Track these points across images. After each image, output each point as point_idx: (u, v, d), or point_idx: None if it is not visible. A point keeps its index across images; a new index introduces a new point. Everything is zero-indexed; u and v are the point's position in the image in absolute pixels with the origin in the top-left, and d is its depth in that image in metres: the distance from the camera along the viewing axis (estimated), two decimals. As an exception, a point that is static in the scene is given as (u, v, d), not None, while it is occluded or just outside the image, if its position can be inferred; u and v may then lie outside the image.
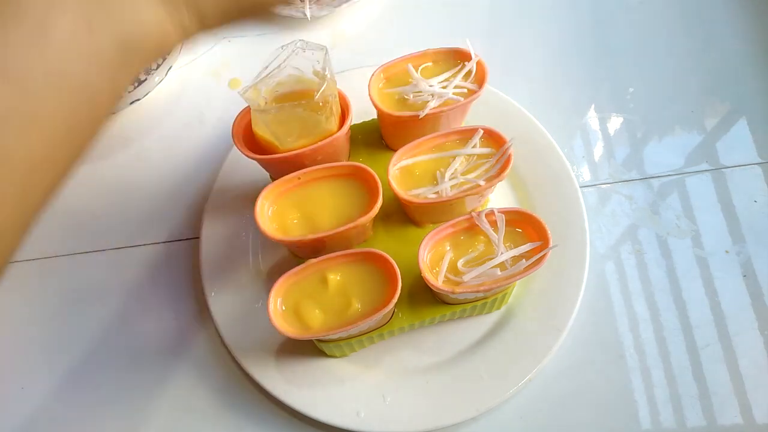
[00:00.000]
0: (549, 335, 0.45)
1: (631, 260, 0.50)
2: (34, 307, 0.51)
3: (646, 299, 0.49)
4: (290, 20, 0.62)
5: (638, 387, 0.46)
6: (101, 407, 0.48)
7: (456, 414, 0.43)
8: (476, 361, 0.45)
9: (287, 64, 0.41)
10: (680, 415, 0.45)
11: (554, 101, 0.57)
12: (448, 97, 0.44)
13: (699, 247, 0.50)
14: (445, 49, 0.46)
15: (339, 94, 0.44)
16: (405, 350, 0.47)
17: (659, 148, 0.54)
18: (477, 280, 0.40)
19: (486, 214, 0.41)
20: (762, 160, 0.53)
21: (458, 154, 0.44)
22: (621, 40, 0.60)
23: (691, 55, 0.59)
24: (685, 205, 0.52)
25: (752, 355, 0.47)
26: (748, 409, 0.45)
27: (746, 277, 0.49)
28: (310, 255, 0.41)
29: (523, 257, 0.40)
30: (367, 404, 0.44)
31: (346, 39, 0.61)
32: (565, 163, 0.51)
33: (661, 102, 0.57)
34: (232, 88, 0.60)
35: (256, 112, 0.42)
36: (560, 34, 0.60)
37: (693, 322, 0.48)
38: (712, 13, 0.60)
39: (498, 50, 0.59)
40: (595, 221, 0.52)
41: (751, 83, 0.57)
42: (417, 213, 0.46)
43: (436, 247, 0.42)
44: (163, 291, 0.51)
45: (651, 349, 0.47)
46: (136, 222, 0.54)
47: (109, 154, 0.57)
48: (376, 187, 0.42)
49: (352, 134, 0.50)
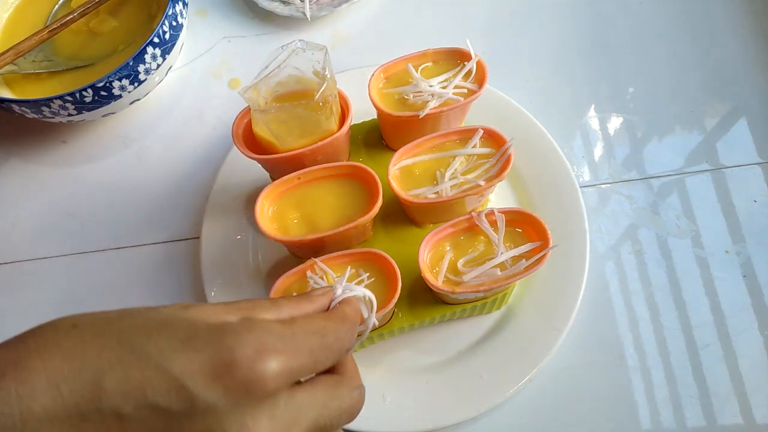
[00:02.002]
0: (549, 335, 0.45)
1: (631, 260, 0.50)
2: (33, 308, 0.51)
3: (646, 299, 0.49)
4: (290, 20, 0.62)
5: (638, 387, 0.46)
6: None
7: (456, 414, 0.43)
8: (476, 361, 0.45)
9: (287, 64, 0.41)
10: (680, 415, 0.45)
11: (554, 101, 0.57)
12: (448, 97, 0.44)
13: (699, 247, 0.50)
14: (445, 49, 0.46)
15: (339, 94, 0.44)
16: (405, 350, 0.47)
17: (659, 148, 0.54)
18: (477, 280, 0.40)
19: (486, 214, 0.41)
20: (762, 160, 0.53)
21: (458, 154, 0.44)
22: (621, 40, 0.60)
23: (691, 55, 0.59)
24: (685, 205, 0.52)
25: (752, 355, 0.47)
26: (748, 409, 0.45)
27: (746, 277, 0.49)
28: (310, 255, 0.41)
29: (523, 257, 0.40)
30: (367, 404, 0.44)
31: (346, 39, 0.61)
32: (565, 163, 0.51)
33: (661, 102, 0.57)
34: (232, 88, 0.60)
35: (256, 112, 0.41)
36: (560, 34, 0.60)
37: (693, 322, 0.48)
38: (712, 13, 0.60)
39: (498, 50, 0.59)
40: (595, 221, 0.52)
41: (751, 83, 0.57)
42: (417, 213, 0.46)
43: (436, 247, 0.42)
44: (163, 291, 0.51)
45: (651, 349, 0.47)
46: (136, 222, 0.54)
47: (109, 154, 0.57)
48: (376, 187, 0.42)
49: (352, 134, 0.50)
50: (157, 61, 0.52)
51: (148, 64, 0.51)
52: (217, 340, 0.25)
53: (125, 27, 0.57)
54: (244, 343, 0.25)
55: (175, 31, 0.52)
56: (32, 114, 0.51)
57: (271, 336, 0.26)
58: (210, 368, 0.24)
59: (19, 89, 0.55)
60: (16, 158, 0.58)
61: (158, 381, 0.24)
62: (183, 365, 0.24)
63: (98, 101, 0.50)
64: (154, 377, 0.24)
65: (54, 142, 0.58)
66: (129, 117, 0.59)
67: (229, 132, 0.44)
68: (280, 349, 0.25)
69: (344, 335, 0.29)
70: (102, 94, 0.50)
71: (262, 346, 0.25)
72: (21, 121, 0.58)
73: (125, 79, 0.50)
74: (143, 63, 0.50)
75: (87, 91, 0.49)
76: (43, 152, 0.58)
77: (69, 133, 0.59)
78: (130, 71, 0.50)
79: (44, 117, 0.51)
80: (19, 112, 0.51)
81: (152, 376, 0.24)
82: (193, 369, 0.24)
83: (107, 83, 0.49)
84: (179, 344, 0.25)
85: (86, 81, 0.50)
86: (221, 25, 0.63)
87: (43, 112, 0.50)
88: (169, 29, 0.52)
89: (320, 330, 0.28)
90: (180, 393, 0.24)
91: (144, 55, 0.50)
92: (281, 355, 0.25)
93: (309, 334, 0.27)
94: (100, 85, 0.49)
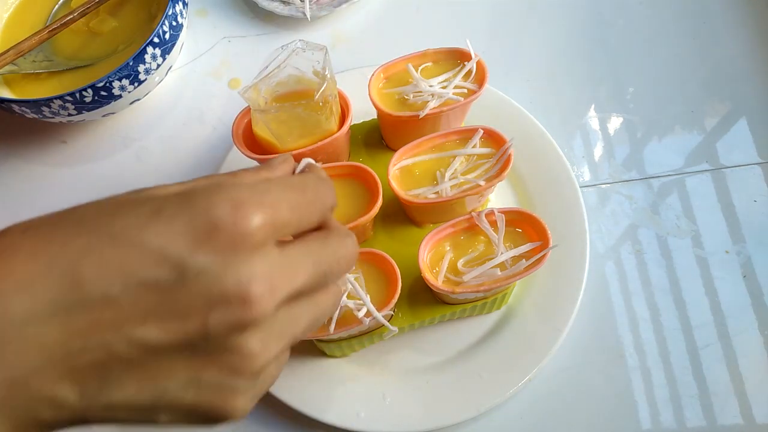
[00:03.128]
0: (549, 335, 0.45)
1: (631, 260, 0.50)
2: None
3: (646, 299, 0.49)
4: (290, 20, 0.62)
5: (638, 387, 0.46)
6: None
7: (456, 414, 0.43)
8: (476, 361, 0.45)
9: (287, 64, 0.41)
10: (680, 415, 0.45)
11: (554, 101, 0.57)
12: (448, 97, 0.44)
13: (699, 247, 0.50)
14: (445, 49, 0.46)
15: (339, 94, 0.44)
16: (405, 350, 0.47)
17: (659, 148, 0.54)
18: (477, 280, 0.40)
19: (486, 214, 0.41)
20: (762, 160, 0.53)
21: (458, 154, 0.44)
22: (621, 40, 0.60)
23: (691, 55, 0.59)
24: (685, 205, 0.52)
25: (752, 355, 0.47)
26: (748, 409, 0.45)
27: (746, 277, 0.49)
28: (310, 255, 0.41)
29: (523, 257, 0.40)
30: (367, 404, 0.44)
31: (346, 39, 0.61)
32: (565, 163, 0.51)
33: (661, 102, 0.57)
34: (232, 88, 0.60)
35: (256, 112, 0.41)
36: (560, 34, 0.60)
37: (693, 322, 0.48)
38: (712, 13, 0.60)
39: (498, 50, 0.59)
40: (595, 221, 0.52)
41: (751, 83, 0.57)
42: (417, 213, 0.46)
43: (436, 247, 0.42)
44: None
45: (651, 349, 0.47)
46: (136, 222, 0.54)
47: (109, 154, 0.57)
48: (376, 187, 0.42)
49: (352, 134, 0.50)
50: (157, 61, 0.52)
51: (148, 64, 0.51)
52: (188, 205, 0.23)
53: (125, 27, 0.57)
54: (217, 203, 0.23)
55: (175, 31, 0.52)
56: (32, 114, 0.51)
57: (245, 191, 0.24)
58: (190, 234, 0.22)
59: (19, 89, 0.55)
60: (16, 158, 0.58)
61: (138, 257, 0.22)
62: (160, 237, 0.22)
63: (98, 101, 0.50)
64: (132, 254, 0.22)
65: (54, 142, 0.58)
66: (129, 117, 0.59)
67: (229, 132, 0.44)
68: (258, 202, 0.24)
69: (324, 191, 0.27)
70: (102, 94, 0.50)
71: (239, 201, 0.23)
72: (21, 121, 0.58)
73: (125, 79, 0.50)
74: (143, 63, 0.50)
75: (87, 91, 0.49)
76: (43, 152, 0.58)
77: (69, 133, 0.59)
78: (130, 71, 0.50)
79: (44, 117, 0.51)
80: (19, 112, 0.51)
81: (130, 253, 0.22)
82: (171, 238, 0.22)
83: (107, 83, 0.49)
84: (148, 219, 0.23)
85: (86, 81, 0.50)
86: (221, 25, 0.63)
87: (43, 112, 0.50)
88: (169, 29, 0.52)
89: (297, 186, 0.26)
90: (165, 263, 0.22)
91: (144, 55, 0.50)
92: (261, 207, 0.23)
93: (286, 190, 0.25)
94: (100, 85, 0.49)
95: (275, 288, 0.23)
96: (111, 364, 0.22)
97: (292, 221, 0.25)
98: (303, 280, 0.25)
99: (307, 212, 0.26)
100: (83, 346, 0.22)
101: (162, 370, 0.23)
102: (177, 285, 0.22)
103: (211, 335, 0.23)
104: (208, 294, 0.22)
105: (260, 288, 0.23)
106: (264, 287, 0.23)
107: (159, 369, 0.23)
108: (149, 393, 0.23)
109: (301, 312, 0.26)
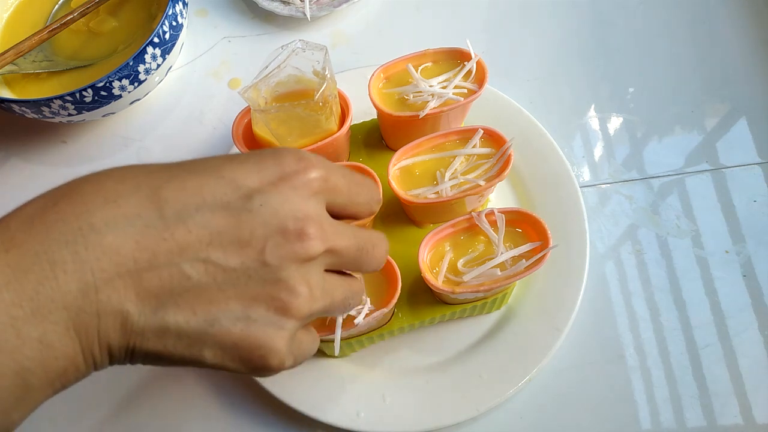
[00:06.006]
0: (549, 335, 0.45)
1: (631, 260, 0.50)
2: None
3: (646, 299, 0.49)
4: (290, 20, 0.62)
5: (638, 387, 0.46)
6: (99, 407, 0.48)
7: (456, 414, 0.43)
8: (476, 361, 0.45)
9: (287, 64, 0.41)
10: (680, 415, 0.45)
11: (554, 101, 0.57)
12: (448, 97, 0.44)
13: (699, 247, 0.50)
14: (445, 49, 0.46)
15: (339, 94, 0.44)
16: (405, 350, 0.47)
17: (659, 148, 0.54)
18: (477, 280, 0.40)
19: (486, 214, 0.41)
20: (762, 160, 0.53)
21: (458, 154, 0.44)
22: (621, 40, 0.60)
23: (691, 55, 0.59)
24: (685, 205, 0.52)
25: (752, 355, 0.46)
26: (748, 409, 0.45)
27: (746, 277, 0.49)
28: (310, 255, 0.41)
29: (523, 257, 0.40)
30: (367, 404, 0.44)
31: (346, 39, 0.61)
32: (565, 163, 0.51)
33: (661, 102, 0.57)
34: (232, 88, 0.60)
35: (256, 112, 0.42)
36: (560, 34, 0.60)
37: (693, 322, 0.48)
38: (713, 13, 0.60)
39: (498, 50, 0.59)
40: (595, 221, 0.52)
41: (751, 83, 0.57)
42: (417, 213, 0.46)
43: (436, 247, 0.42)
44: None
45: (651, 349, 0.47)
46: (136, 222, 0.54)
47: (109, 154, 0.57)
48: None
49: (352, 134, 0.50)
50: (157, 61, 0.52)
51: (148, 64, 0.51)
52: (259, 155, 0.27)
53: (125, 27, 0.57)
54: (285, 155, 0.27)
55: (175, 31, 0.52)
56: (32, 114, 0.51)
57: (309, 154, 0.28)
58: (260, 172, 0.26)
59: (19, 89, 0.55)
60: (16, 158, 0.58)
61: (214, 184, 0.26)
62: (234, 172, 0.26)
63: (98, 101, 0.50)
64: (210, 181, 0.26)
65: (54, 142, 0.58)
66: (129, 117, 0.59)
67: (229, 132, 0.44)
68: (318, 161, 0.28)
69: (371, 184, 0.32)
70: (102, 94, 0.50)
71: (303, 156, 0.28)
72: (21, 121, 0.58)
73: (125, 79, 0.50)
74: (143, 63, 0.50)
75: (87, 91, 0.49)
76: (43, 152, 0.58)
77: (69, 133, 0.59)
78: (130, 71, 0.50)
79: (44, 117, 0.51)
80: (19, 112, 0.51)
81: (208, 181, 0.26)
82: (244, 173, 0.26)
83: (107, 83, 0.49)
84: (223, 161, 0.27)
85: (86, 81, 0.50)
86: (221, 25, 0.63)
87: (43, 112, 0.50)
88: (169, 29, 0.52)
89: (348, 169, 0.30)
90: (237, 191, 0.26)
91: (144, 55, 0.50)
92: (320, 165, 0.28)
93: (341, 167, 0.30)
94: (100, 85, 0.49)
95: (325, 234, 0.27)
96: (173, 283, 0.24)
97: (344, 189, 0.29)
98: (345, 244, 0.28)
99: (356, 188, 0.30)
100: (152, 261, 0.24)
101: (217, 298, 0.25)
102: (243, 212, 0.25)
103: (267, 262, 0.25)
104: (268, 224, 0.26)
105: (313, 228, 0.26)
106: (316, 228, 0.26)
107: (215, 297, 0.25)
108: (202, 319, 0.25)
109: (337, 284, 0.30)
